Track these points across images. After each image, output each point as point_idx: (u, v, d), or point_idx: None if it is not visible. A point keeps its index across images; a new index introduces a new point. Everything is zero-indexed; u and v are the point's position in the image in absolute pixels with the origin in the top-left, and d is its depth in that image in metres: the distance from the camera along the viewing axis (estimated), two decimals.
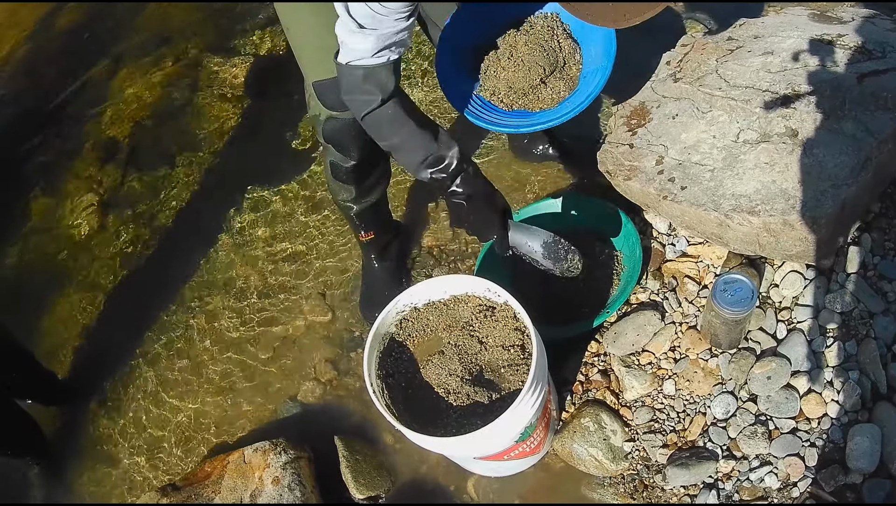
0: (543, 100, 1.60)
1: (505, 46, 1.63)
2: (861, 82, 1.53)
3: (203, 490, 1.75)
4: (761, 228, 1.48)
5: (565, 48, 1.62)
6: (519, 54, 1.61)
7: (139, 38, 3.05)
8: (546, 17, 1.65)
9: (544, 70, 1.59)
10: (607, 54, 1.53)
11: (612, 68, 1.50)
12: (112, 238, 2.46)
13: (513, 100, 1.62)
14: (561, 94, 1.60)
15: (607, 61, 1.51)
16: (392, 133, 1.31)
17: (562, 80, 1.61)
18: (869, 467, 1.40)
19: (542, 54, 1.59)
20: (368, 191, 1.73)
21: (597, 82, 1.52)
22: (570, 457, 1.61)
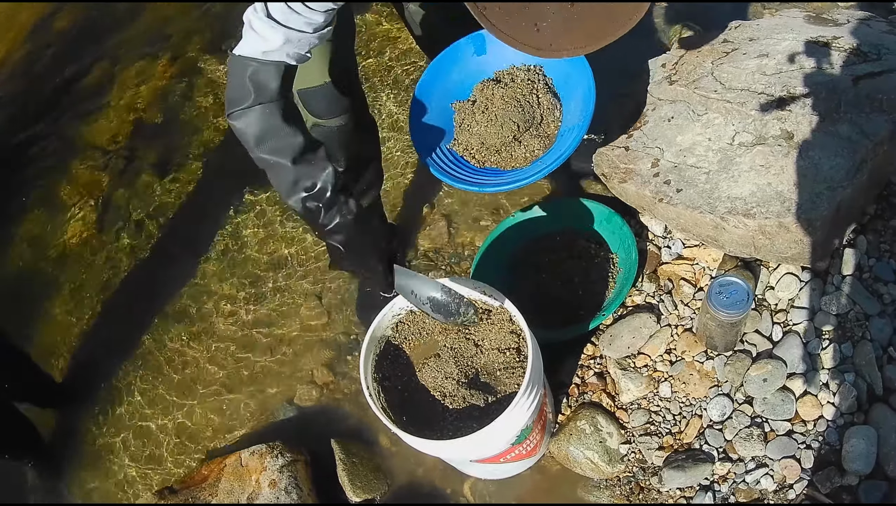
0: (516, 158, 1.53)
1: (481, 98, 1.58)
2: (856, 84, 1.53)
3: (200, 493, 1.75)
4: (757, 230, 1.49)
5: (544, 104, 1.56)
6: (494, 108, 1.55)
7: (137, 39, 3.05)
8: (528, 70, 1.60)
9: (518, 127, 1.52)
10: (585, 111, 1.46)
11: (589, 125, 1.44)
12: (108, 241, 2.46)
13: (485, 157, 1.55)
14: (535, 152, 1.53)
15: (584, 120, 1.45)
16: (261, 142, 1.16)
17: (537, 137, 1.54)
18: (865, 469, 1.40)
19: (517, 110, 1.53)
20: (360, 195, 1.72)
21: (569, 143, 1.46)
22: (566, 459, 1.62)
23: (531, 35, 0.96)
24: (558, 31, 0.96)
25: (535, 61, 1.59)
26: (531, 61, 1.60)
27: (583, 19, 0.96)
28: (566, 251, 1.83)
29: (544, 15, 0.95)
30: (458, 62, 1.60)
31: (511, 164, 1.54)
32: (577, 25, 0.96)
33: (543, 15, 0.95)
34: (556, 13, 0.95)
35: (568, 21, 0.95)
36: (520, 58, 1.58)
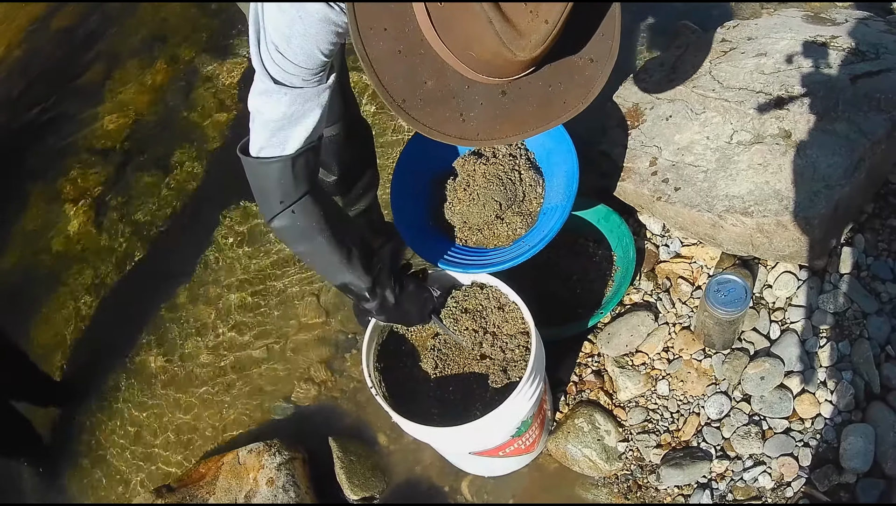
0: (499, 236, 1.51)
1: (463, 175, 1.56)
2: (854, 83, 1.53)
3: (198, 491, 1.75)
4: (755, 228, 1.49)
5: (526, 180, 1.53)
6: (476, 187, 1.52)
7: (134, 39, 3.05)
8: (511, 144, 1.56)
9: (500, 206, 1.50)
10: (568, 191, 1.44)
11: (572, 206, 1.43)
12: (106, 239, 2.46)
13: (467, 235, 1.54)
14: (517, 231, 1.50)
15: (567, 200, 1.43)
16: (297, 244, 1.17)
17: (520, 215, 1.51)
18: (863, 467, 1.40)
19: (499, 188, 1.50)
20: (356, 200, 1.73)
21: (552, 224, 1.43)
22: (564, 457, 1.62)
23: (457, 126, 0.92)
24: (486, 121, 0.92)
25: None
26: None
27: (512, 111, 0.93)
28: (564, 249, 1.83)
29: (472, 105, 0.91)
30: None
31: (494, 242, 1.52)
32: (506, 116, 0.93)
33: (471, 105, 0.91)
34: (485, 103, 0.91)
35: (497, 111, 0.92)
36: None
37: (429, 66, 0.89)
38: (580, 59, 0.94)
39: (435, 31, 0.86)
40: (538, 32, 0.81)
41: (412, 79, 0.89)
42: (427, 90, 0.89)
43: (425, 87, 0.89)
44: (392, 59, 0.88)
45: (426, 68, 0.89)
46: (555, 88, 0.94)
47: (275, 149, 1.06)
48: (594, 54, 0.94)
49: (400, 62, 0.88)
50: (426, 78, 0.89)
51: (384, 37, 0.87)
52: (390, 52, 0.88)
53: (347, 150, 1.57)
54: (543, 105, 0.93)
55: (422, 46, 0.88)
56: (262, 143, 1.06)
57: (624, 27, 0.99)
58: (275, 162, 1.06)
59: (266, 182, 1.09)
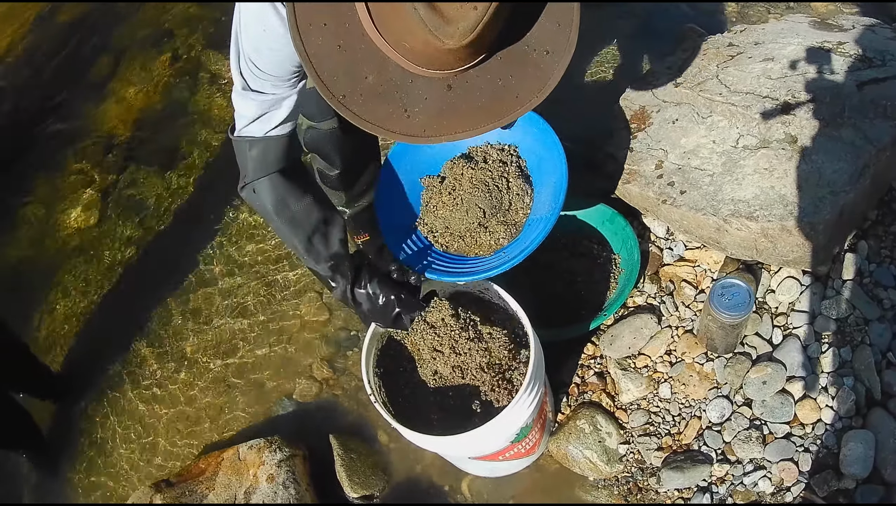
0: (481, 245, 1.46)
1: (450, 177, 1.51)
2: (861, 90, 1.54)
3: (197, 486, 1.74)
4: (759, 233, 1.49)
5: (514, 189, 1.47)
6: (461, 191, 1.48)
7: (139, 33, 3.05)
8: (502, 150, 1.52)
9: (484, 213, 1.45)
10: (555, 203, 1.39)
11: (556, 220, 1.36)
12: (110, 233, 2.46)
13: (448, 241, 1.49)
14: (500, 241, 1.45)
15: (552, 213, 1.37)
16: (266, 215, 1.22)
17: (503, 224, 1.46)
18: (862, 473, 1.40)
19: (485, 195, 1.45)
20: (359, 195, 1.73)
21: (534, 237, 1.38)
22: (564, 459, 1.62)
23: (401, 122, 0.89)
24: (432, 116, 0.90)
25: (511, 141, 1.53)
26: (507, 140, 1.53)
27: (459, 105, 0.90)
28: (568, 251, 1.83)
29: (416, 100, 0.88)
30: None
31: (475, 250, 1.47)
32: (453, 111, 0.90)
33: (415, 100, 0.88)
34: (430, 98, 0.88)
35: (443, 106, 0.89)
36: (495, 135, 1.52)
37: (370, 61, 0.88)
38: (534, 52, 0.91)
39: (373, 24, 0.85)
40: (466, 20, 0.79)
41: (353, 74, 0.88)
42: (368, 85, 0.88)
43: (366, 81, 0.88)
44: (332, 55, 0.87)
45: (367, 63, 0.88)
46: (506, 82, 0.91)
47: (249, 132, 1.15)
48: (550, 46, 0.91)
49: (340, 57, 0.87)
50: (367, 73, 0.88)
51: (324, 32, 0.87)
52: (330, 48, 0.87)
53: (348, 143, 1.57)
54: (494, 99, 0.91)
55: (362, 41, 0.87)
56: (238, 126, 1.16)
57: (630, 31, 0.97)
58: (244, 141, 1.15)
59: (239, 158, 1.20)
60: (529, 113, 1.44)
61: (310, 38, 0.87)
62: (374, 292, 1.33)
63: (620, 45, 2.32)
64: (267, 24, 0.97)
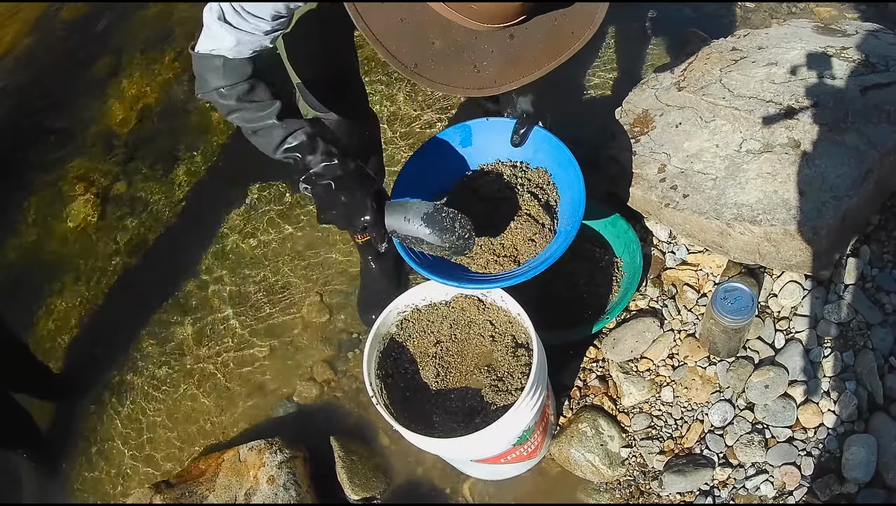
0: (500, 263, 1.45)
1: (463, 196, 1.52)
2: (864, 95, 1.54)
3: (197, 488, 1.74)
4: (762, 237, 1.49)
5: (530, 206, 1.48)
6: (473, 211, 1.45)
7: (142, 33, 3.04)
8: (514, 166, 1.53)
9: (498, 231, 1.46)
10: (574, 217, 1.40)
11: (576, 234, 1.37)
12: (111, 234, 2.45)
13: (467, 262, 1.46)
14: (518, 257, 1.45)
15: (572, 227, 1.39)
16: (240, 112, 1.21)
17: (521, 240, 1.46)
18: (864, 477, 1.40)
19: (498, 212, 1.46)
20: None
21: (554, 249, 1.40)
22: (566, 462, 1.61)
23: (472, 77, 0.95)
24: (500, 66, 0.95)
25: (521, 158, 1.54)
26: (517, 157, 1.54)
27: (523, 51, 0.95)
28: (570, 253, 1.81)
29: (483, 55, 0.94)
30: (442, 154, 1.54)
31: (493, 269, 1.45)
32: (518, 58, 0.95)
33: (483, 55, 0.94)
34: (496, 50, 0.94)
35: (509, 54, 0.95)
36: (505, 152, 1.53)
37: (434, 28, 0.92)
38: None
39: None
40: None
41: (419, 42, 0.92)
42: (436, 50, 0.92)
43: (434, 47, 0.92)
44: (396, 28, 0.91)
45: (431, 29, 0.92)
46: (560, 21, 0.96)
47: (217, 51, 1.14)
48: None
49: (404, 29, 0.91)
50: (433, 39, 0.92)
51: (384, 9, 0.90)
52: (393, 23, 0.91)
53: (354, 134, 1.58)
54: (552, 39, 0.96)
55: (423, 11, 0.91)
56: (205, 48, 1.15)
57: (633, 34, 1.01)
58: (214, 57, 1.15)
59: (200, 68, 1.18)
60: (543, 132, 1.43)
61: (372, 18, 0.90)
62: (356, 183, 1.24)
63: (623, 49, 2.32)
64: None
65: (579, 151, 2.15)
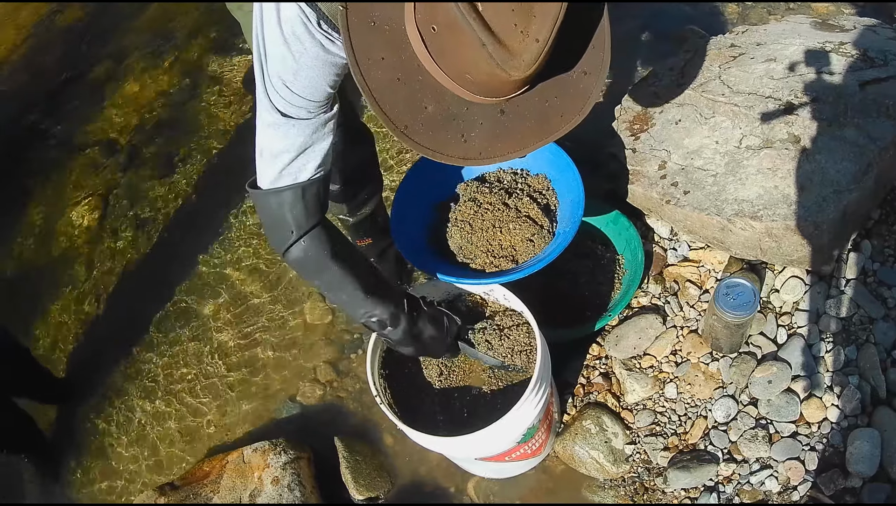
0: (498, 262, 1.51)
1: (464, 198, 1.57)
2: (863, 89, 1.54)
3: (202, 489, 1.74)
4: (763, 232, 1.49)
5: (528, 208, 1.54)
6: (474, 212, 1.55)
7: (141, 36, 3.05)
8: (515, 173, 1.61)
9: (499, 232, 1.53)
10: (574, 218, 1.45)
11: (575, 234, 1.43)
12: (111, 237, 2.45)
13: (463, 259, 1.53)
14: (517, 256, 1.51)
15: (571, 227, 1.44)
16: (319, 276, 1.15)
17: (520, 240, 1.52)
18: (868, 472, 1.41)
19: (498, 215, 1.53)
20: (361, 205, 1.72)
21: (552, 249, 1.45)
22: (571, 459, 1.62)
23: (459, 147, 0.94)
24: (487, 139, 0.94)
25: (521, 165, 1.61)
26: (518, 165, 1.61)
27: (512, 128, 0.95)
28: (572, 252, 1.82)
29: (472, 125, 0.93)
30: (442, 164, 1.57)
31: (493, 267, 1.51)
32: (506, 133, 0.95)
33: (471, 126, 0.93)
34: (485, 122, 0.93)
35: (497, 129, 0.94)
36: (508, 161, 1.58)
37: (428, 92, 0.91)
38: (574, 73, 0.96)
39: (431, 58, 0.87)
40: (530, 52, 0.83)
41: (412, 105, 0.91)
42: (428, 115, 0.91)
43: (426, 111, 0.91)
44: (391, 87, 0.90)
45: (425, 94, 0.91)
46: (551, 103, 0.95)
47: (287, 179, 1.06)
48: (587, 67, 0.97)
49: (399, 89, 0.90)
50: (426, 103, 0.91)
51: (382, 66, 0.89)
52: (389, 81, 0.90)
53: (350, 157, 1.57)
54: (542, 120, 0.96)
55: (419, 73, 0.90)
56: (272, 175, 1.06)
57: (632, 33, 1.00)
58: (287, 190, 1.06)
59: (278, 213, 1.08)
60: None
61: (369, 73, 0.89)
62: (436, 315, 1.30)
63: (622, 47, 2.33)
64: (304, 43, 0.96)
65: (579, 149, 2.16)
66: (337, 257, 1.13)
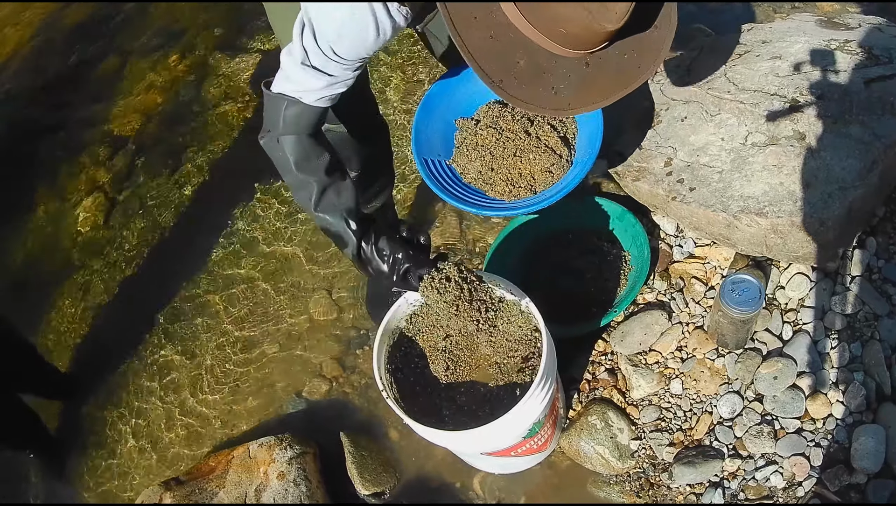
0: (516, 189, 1.52)
1: (484, 121, 1.56)
2: (868, 87, 1.55)
3: (207, 484, 1.74)
4: (769, 229, 1.50)
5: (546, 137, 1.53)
6: (493, 136, 1.53)
7: (147, 35, 3.06)
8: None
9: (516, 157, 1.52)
10: (591, 147, 1.45)
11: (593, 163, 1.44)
12: (117, 234, 2.46)
13: (481, 185, 1.54)
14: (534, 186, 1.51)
15: (589, 157, 1.45)
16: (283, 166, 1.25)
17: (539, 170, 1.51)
18: (873, 468, 1.41)
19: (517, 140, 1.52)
20: (373, 197, 1.73)
21: (571, 178, 1.45)
22: (576, 455, 1.62)
23: (550, 99, 1.02)
24: (575, 91, 1.02)
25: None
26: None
27: (596, 79, 1.03)
28: (578, 248, 1.84)
29: (561, 78, 1.01)
30: (469, 80, 1.57)
31: (510, 195, 1.51)
32: (591, 85, 1.03)
33: (560, 78, 1.01)
34: (573, 75, 1.01)
35: (583, 81, 1.02)
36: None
37: (519, 48, 0.99)
38: (648, 29, 1.05)
39: (522, 16, 0.95)
40: (621, 5, 0.93)
41: (505, 60, 0.99)
42: (520, 69, 1.00)
43: (518, 66, 0.99)
44: (485, 45, 0.98)
45: (516, 49, 0.99)
46: (629, 56, 1.04)
47: (290, 92, 1.17)
48: (658, 23, 1.06)
49: (493, 46, 0.98)
50: (518, 58, 0.99)
51: (475, 25, 0.97)
52: (482, 39, 0.98)
53: (367, 147, 1.59)
54: (621, 72, 1.04)
55: (510, 30, 0.98)
56: (279, 86, 1.18)
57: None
58: (283, 99, 1.17)
59: (271, 111, 1.20)
60: None
61: (465, 33, 0.97)
62: (382, 248, 1.32)
63: None
64: (356, 10, 1.04)
65: None
66: (299, 165, 1.22)
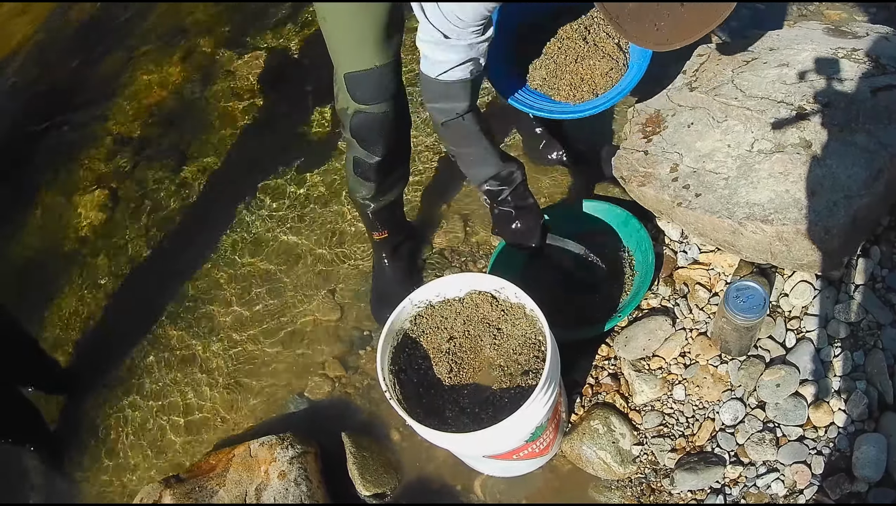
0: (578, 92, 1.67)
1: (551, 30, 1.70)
2: (875, 96, 1.55)
3: (207, 483, 1.74)
4: (774, 236, 1.50)
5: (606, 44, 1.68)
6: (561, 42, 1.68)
7: (153, 31, 3.06)
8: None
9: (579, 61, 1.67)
10: (643, 53, 1.61)
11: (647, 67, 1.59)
12: (120, 230, 2.46)
13: (546, 89, 1.68)
14: (596, 86, 1.67)
15: (643, 60, 1.61)
16: (467, 145, 1.49)
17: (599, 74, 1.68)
18: (875, 476, 1.41)
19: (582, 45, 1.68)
20: (388, 189, 1.73)
21: (626, 82, 1.61)
22: (578, 459, 1.62)
23: (653, 34, 1.20)
24: (672, 27, 1.19)
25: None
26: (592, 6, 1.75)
27: (688, 17, 1.18)
28: None
29: (662, 17, 1.18)
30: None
31: (574, 98, 1.67)
32: (684, 22, 1.19)
33: (661, 17, 1.18)
34: (670, 14, 1.18)
35: (678, 19, 1.18)
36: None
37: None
38: None
39: None
40: None
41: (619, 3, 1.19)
42: (630, 9, 1.18)
43: (629, 6, 1.18)
44: None
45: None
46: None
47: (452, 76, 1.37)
48: None
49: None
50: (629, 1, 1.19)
51: None
52: None
53: (394, 132, 1.60)
54: (708, 10, 1.19)
55: None
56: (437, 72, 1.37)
57: None
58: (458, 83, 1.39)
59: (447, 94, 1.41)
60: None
61: None
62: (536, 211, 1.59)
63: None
64: None
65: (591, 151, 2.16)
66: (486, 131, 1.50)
